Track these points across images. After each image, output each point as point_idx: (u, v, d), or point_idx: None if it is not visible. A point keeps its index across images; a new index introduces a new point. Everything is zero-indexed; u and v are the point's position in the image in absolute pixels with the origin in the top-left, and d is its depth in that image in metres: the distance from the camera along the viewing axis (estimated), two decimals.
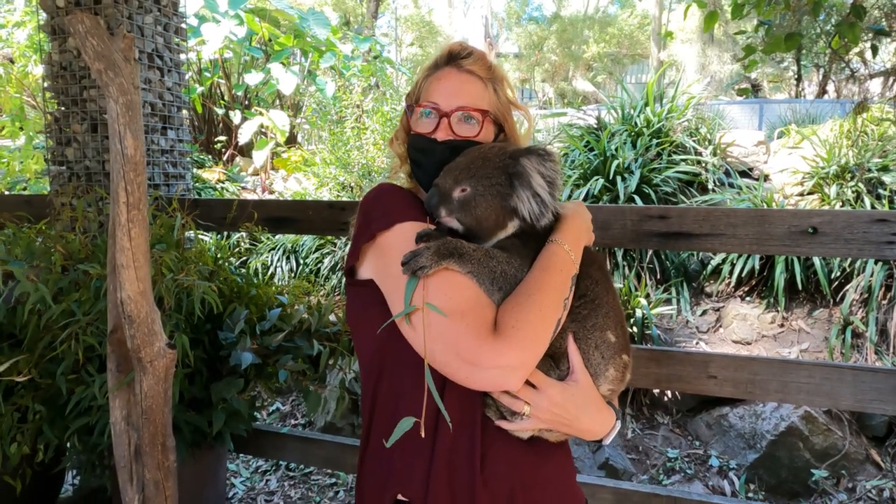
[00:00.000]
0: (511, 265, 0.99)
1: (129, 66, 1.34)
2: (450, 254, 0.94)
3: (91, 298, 1.83)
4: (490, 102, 1.15)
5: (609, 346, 1.05)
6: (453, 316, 0.90)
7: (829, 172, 4.34)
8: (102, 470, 2.06)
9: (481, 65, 1.15)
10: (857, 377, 1.72)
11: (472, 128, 1.12)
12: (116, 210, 1.36)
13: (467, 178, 1.03)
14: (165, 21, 2.54)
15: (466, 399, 0.99)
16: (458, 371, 0.91)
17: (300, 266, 5.02)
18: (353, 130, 6.04)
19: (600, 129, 5.11)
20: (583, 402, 1.01)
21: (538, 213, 1.02)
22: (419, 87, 1.18)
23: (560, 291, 0.98)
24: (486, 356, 0.89)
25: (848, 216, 1.67)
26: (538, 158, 1.02)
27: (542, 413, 0.97)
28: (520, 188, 1.02)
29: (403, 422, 0.90)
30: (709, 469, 3.28)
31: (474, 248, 0.98)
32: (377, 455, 1.05)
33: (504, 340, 0.89)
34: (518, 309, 0.93)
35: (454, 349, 0.89)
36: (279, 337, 2.09)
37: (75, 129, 2.44)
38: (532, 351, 0.92)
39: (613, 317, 1.08)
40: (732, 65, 18.33)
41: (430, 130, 1.13)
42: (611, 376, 1.06)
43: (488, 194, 1.02)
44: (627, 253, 4.19)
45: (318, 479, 3.22)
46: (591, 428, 1.04)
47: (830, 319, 3.76)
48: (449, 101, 1.12)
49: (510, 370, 0.90)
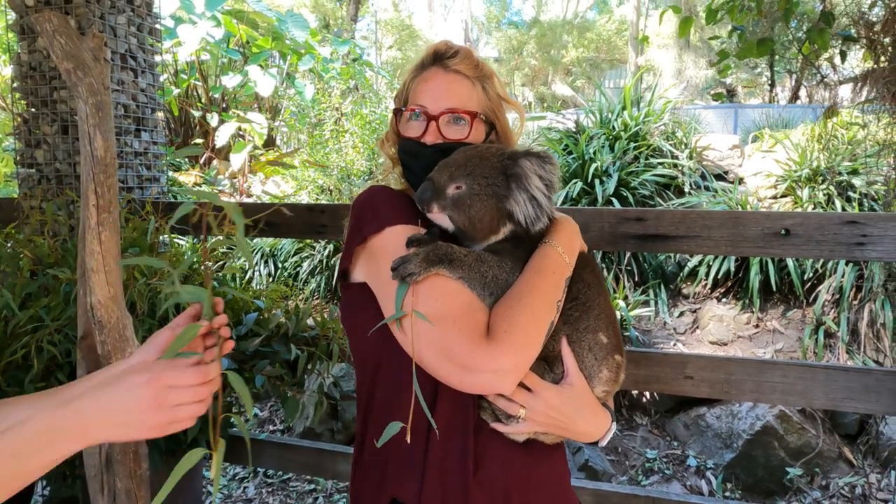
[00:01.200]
0: (503, 269, 0.98)
1: (100, 65, 1.31)
2: (439, 259, 0.93)
3: (61, 304, 1.78)
4: (479, 101, 1.13)
5: (602, 347, 1.06)
6: (445, 321, 0.90)
7: (801, 175, 4.43)
8: (73, 480, 2.01)
9: (468, 63, 1.13)
10: (829, 376, 1.75)
11: (461, 129, 1.11)
12: (87, 213, 1.33)
13: (463, 175, 1.01)
14: (139, 21, 2.50)
15: (459, 402, 0.98)
16: (450, 375, 0.91)
17: (279, 270, 4.97)
18: (332, 133, 6.00)
19: (579, 133, 5.15)
20: (578, 405, 1.01)
21: (534, 216, 1.00)
22: (407, 89, 1.16)
23: (553, 293, 0.97)
24: (478, 360, 0.88)
25: (819, 218, 1.70)
26: (538, 160, 1.00)
27: (537, 416, 0.97)
28: (517, 190, 1.00)
29: (392, 426, 0.89)
30: (686, 469, 3.32)
31: (465, 253, 0.96)
32: (373, 457, 1.04)
33: (497, 344, 0.89)
34: (510, 312, 0.93)
35: (446, 354, 0.89)
36: (256, 342, 2.05)
37: (45, 131, 2.38)
38: (525, 354, 0.92)
39: (605, 318, 1.08)
40: (708, 70, 18.66)
41: (418, 134, 1.11)
42: (605, 377, 1.06)
43: (484, 194, 1.00)
44: (606, 255, 4.22)
45: (296, 486, 3.18)
46: (588, 430, 1.04)
47: (804, 320, 3.83)
48: (437, 103, 1.10)
49: (503, 374, 0.90)
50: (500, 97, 1.18)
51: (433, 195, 1.01)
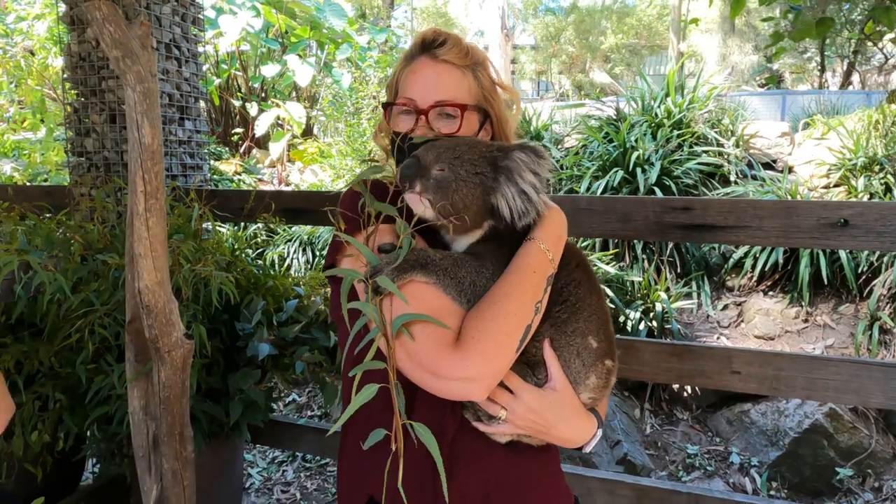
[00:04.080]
0: (481, 275, 0.93)
1: (147, 53, 1.33)
2: (411, 267, 0.90)
3: (109, 288, 1.83)
4: (470, 91, 1.09)
5: (591, 352, 1.00)
6: (414, 326, 0.88)
7: (856, 164, 4.23)
8: (122, 458, 2.08)
9: (457, 51, 1.08)
10: (887, 374, 1.67)
11: (452, 123, 1.07)
12: (134, 199, 1.35)
13: (451, 158, 0.95)
14: (183, 11, 2.53)
15: (436, 403, 0.95)
16: (421, 380, 0.89)
17: (316, 258, 5.03)
18: (370, 122, 6.02)
19: (620, 121, 5.03)
20: (560, 410, 0.98)
21: (522, 211, 0.94)
22: (397, 80, 1.13)
23: (531, 295, 0.92)
24: (445, 367, 0.86)
25: (881, 208, 1.62)
26: (532, 154, 0.94)
27: (517, 419, 0.95)
28: (506, 183, 0.94)
29: (376, 433, 0.89)
30: (729, 466, 3.23)
31: (441, 256, 0.92)
32: (353, 453, 1.04)
33: (464, 351, 0.86)
34: (480, 317, 0.89)
35: (415, 359, 0.88)
36: (296, 328, 2.08)
37: (94, 120, 2.44)
38: (494, 362, 0.89)
39: (596, 320, 1.02)
40: (754, 55, 18.00)
41: (408, 128, 1.08)
42: (592, 384, 1.01)
43: (470, 182, 0.94)
44: (647, 246, 4.12)
45: (333, 471, 3.22)
46: (570, 436, 1.01)
47: (857, 315, 3.67)
48: (425, 96, 1.06)
49: (471, 381, 0.87)
50: (494, 83, 1.13)
51: (417, 172, 0.95)
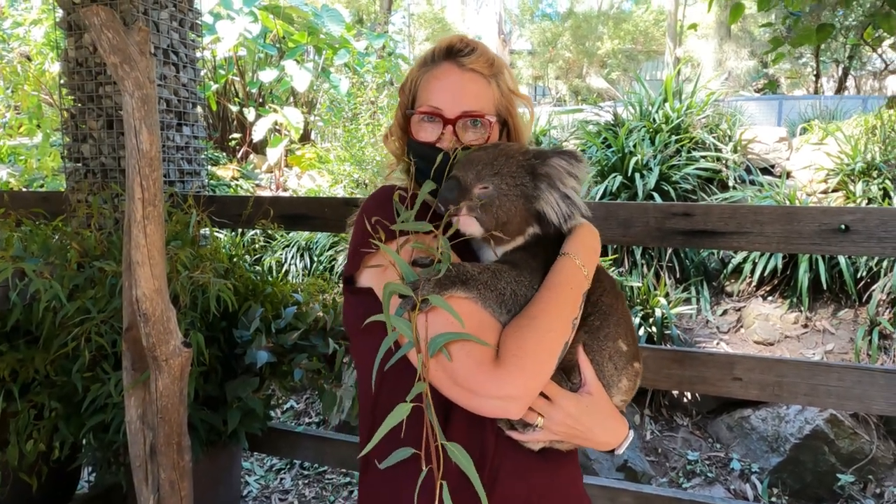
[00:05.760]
0: (521, 284, 0.93)
1: (145, 59, 1.31)
2: (452, 282, 0.88)
3: (106, 296, 1.81)
4: (495, 100, 1.09)
5: (621, 355, 1.02)
6: (453, 344, 0.86)
7: (854, 169, 4.24)
8: (118, 467, 2.05)
9: (484, 61, 1.06)
10: (890, 380, 1.66)
11: (479, 133, 1.06)
12: (132, 206, 1.34)
13: (491, 174, 0.95)
14: (181, 17, 2.52)
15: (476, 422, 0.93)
16: (458, 397, 0.88)
17: (314, 264, 5.01)
18: (368, 127, 6.02)
19: (618, 126, 5.03)
20: (596, 414, 0.98)
21: (567, 214, 0.97)
22: (415, 85, 1.10)
23: (568, 311, 0.93)
24: (485, 386, 0.85)
25: (882, 213, 1.61)
26: (569, 159, 0.96)
27: (555, 425, 0.94)
28: (548, 190, 0.96)
29: (399, 451, 0.85)
30: (730, 472, 3.22)
31: (479, 270, 0.92)
32: (381, 475, 0.96)
33: (504, 369, 0.85)
34: (520, 334, 0.88)
35: (453, 377, 0.86)
36: (294, 335, 2.06)
37: (91, 126, 2.43)
38: (534, 380, 0.88)
39: (624, 325, 1.04)
40: (750, 60, 18.08)
41: (433, 137, 1.06)
42: (624, 387, 1.04)
43: (512, 194, 0.95)
44: (646, 251, 4.12)
45: (332, 479, 3.19)
46: (606, 440, 1.01)
47: (856, 320, 3.67)
48: (453, 105, 1.05)
49: (511, 400, 0.86)
50: (511, 91, 1.12)
51: (459, 195, 0.94)
